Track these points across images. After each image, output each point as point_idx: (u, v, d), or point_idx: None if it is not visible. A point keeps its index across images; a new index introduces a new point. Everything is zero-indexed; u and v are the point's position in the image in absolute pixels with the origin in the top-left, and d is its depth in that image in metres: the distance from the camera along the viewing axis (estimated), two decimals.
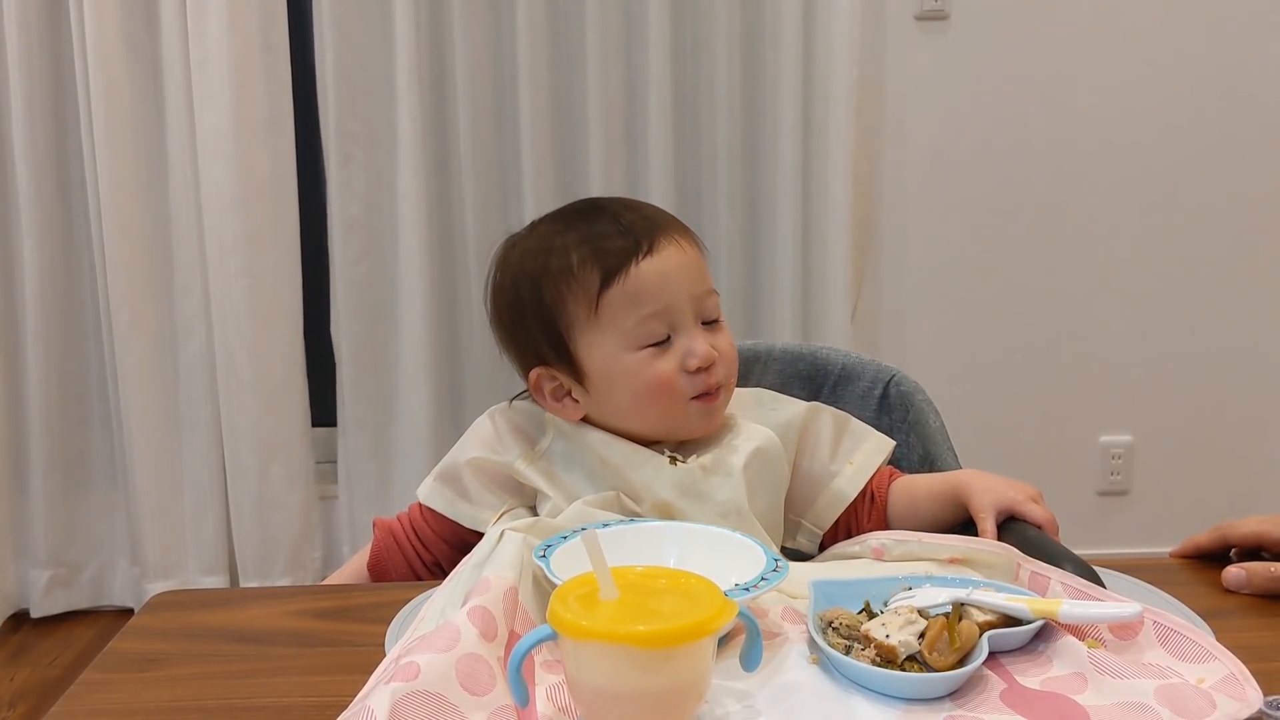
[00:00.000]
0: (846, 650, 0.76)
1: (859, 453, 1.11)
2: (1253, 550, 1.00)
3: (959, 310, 2.80)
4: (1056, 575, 0.86)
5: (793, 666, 0.77)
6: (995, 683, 0.74)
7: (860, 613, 0.81)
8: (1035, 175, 2.74)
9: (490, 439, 1.09)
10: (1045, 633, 0.79)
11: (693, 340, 1.03)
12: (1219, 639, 0.77)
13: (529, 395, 1.10)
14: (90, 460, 2.74)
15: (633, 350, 1.03)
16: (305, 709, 0.77)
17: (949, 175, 2.74)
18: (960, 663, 0.74)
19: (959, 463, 1.25)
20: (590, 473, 1.05)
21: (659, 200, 2.46)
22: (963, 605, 0.79)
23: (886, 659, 0.74)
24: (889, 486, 1.11)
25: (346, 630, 0.91)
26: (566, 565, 0.82)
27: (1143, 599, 0.82)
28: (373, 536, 1.14)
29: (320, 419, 2.77)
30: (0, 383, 2.63)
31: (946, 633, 0.75)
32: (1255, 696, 0.70)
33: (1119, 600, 0.81)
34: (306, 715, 0.77)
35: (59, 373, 2.65)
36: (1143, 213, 2.76)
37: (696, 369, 1.03)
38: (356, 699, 0.69)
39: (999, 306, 2.80)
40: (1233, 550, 1.02)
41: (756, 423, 1.09)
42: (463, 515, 1.08)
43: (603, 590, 0.68)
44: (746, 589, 0.80)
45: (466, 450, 1.09)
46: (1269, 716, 0.69)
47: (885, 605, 0.82)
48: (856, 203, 2.62)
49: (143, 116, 2.55)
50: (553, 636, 0.67)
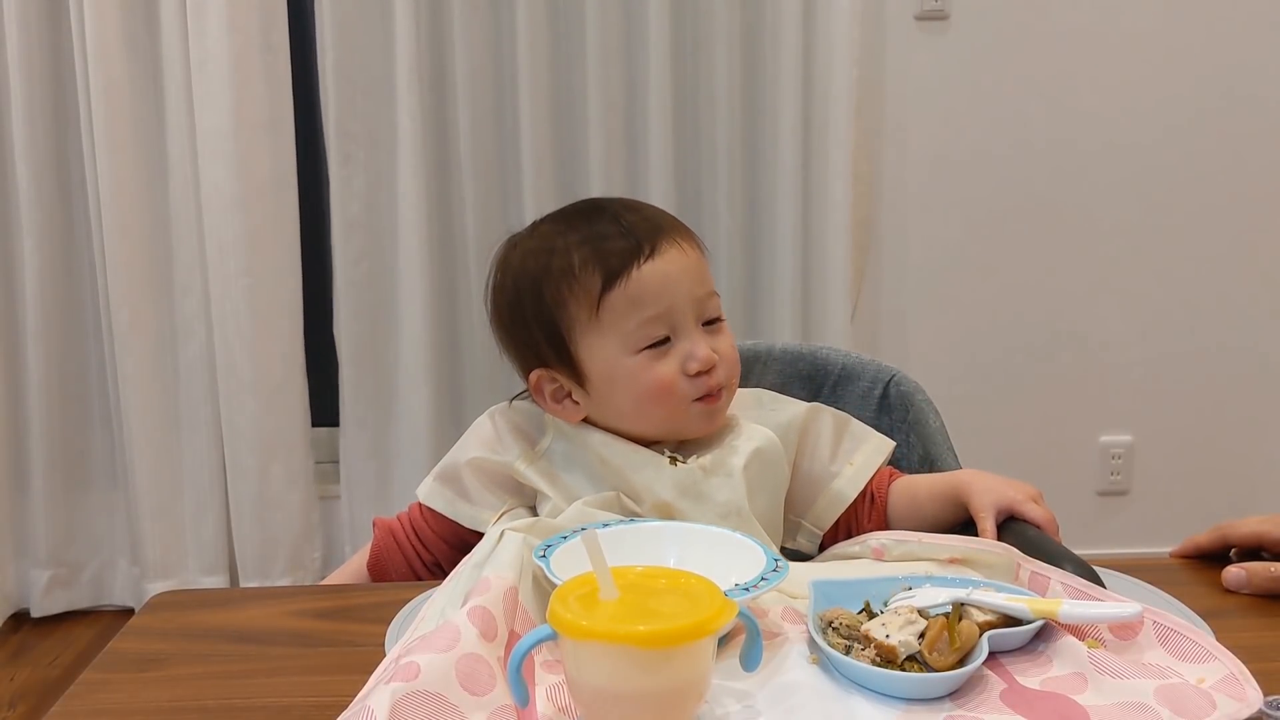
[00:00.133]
0: (846, 650, 0.76)
1: (859, 453, 1.11)
2: (1253, 550, 1.00)
3: (959, 310, 2.80)
4: (1056, 575, 0.86)
5: (793, 666, 0.77)
6: (995, 683, 0.74)
7: (860, 613, 0.81)
8: (1035, 175, 2.74)
9: (490, 439, 1.09)
10: (1045, 633, 0.79)
11: (693, 343, 1.03)
12: (1219, 639, 0.77)
13: (529, 395, 1.10)
14: (90, 460, 2.74)
15: (633, 353, 1.03)
16: (305, 709, 0.77)
17: (949, 175, 2.74)
18: (960, 663, 0.74)
19: (959, 463, 1.25)
20: (590, 473, 1.05)
21: (659, 200, 2.46)
22: (963, 605, 0.79)
23: (886, 659, 0.74)
24: (889, 487, 1.11)
25: (346, 630, 0.91)
26: (566, 565, 0.82)
27: (1143, 599, 0.82)
28: (373, 536, 1.14)
29: (322, 419, 2.78)
30: (0, 383, 2.63)
31: (946, 633, 0.75)
32: (1255, 696, 0.70)
33: (1119, 600, 0.81)
34: (306, 715, 0.77)
35: (59, 373, 2.65)
36: (1143, 213, 2.76)
37: (697, 372, 1.03)
38: (356, 699, 0.69)
39: (999, 306, 2.80)
40: (1233, 550, 1.02)
41: (757, 423, 1.09)
42: (463, 515, 1.08)
43: (603, 590, 0.68)
44: (746, 589, 0.80)
45: (466, 450, 1.09)
46: (1269, 716, 0.69)
47: (885, 605, 0.82)
48: (856, 203, 2.62)
49: (143, 116, 2.55)
50: (553, 636, 0.67)
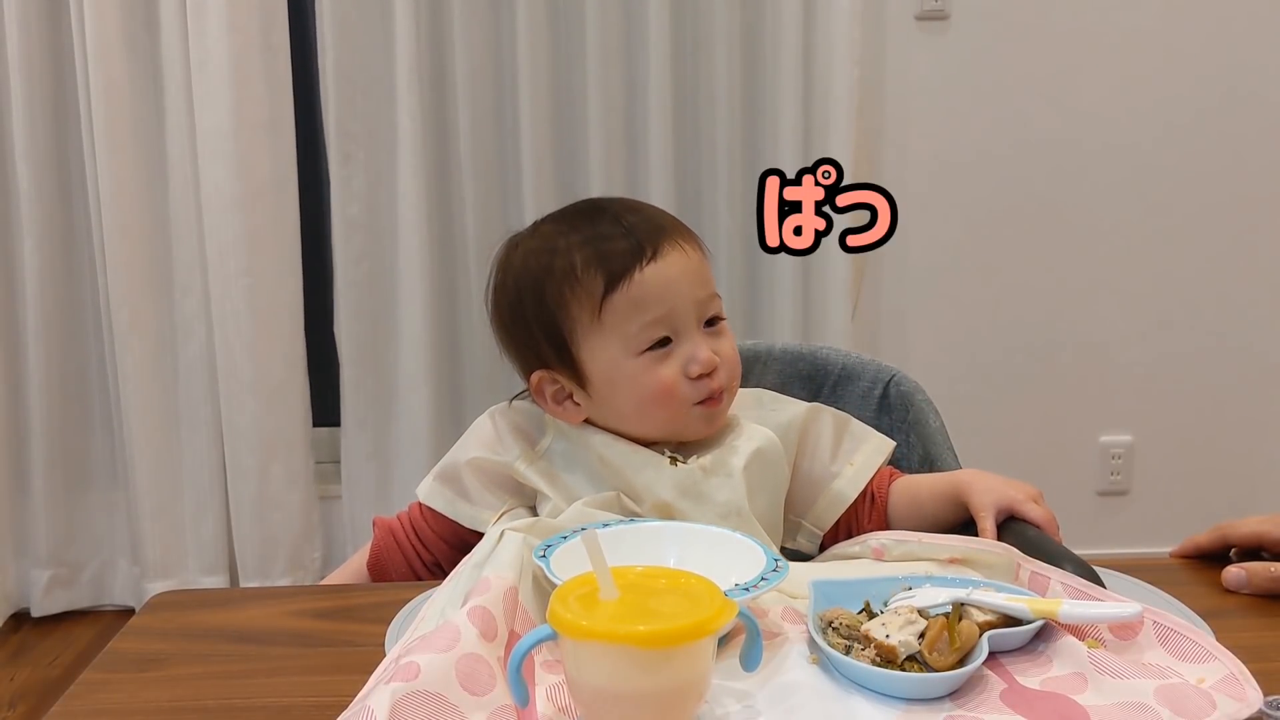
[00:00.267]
0: (846, 650, 0.76)
1: (859, 453, 1.11)
2: (1253, 550, 1.00)
3: (959, 310, 2.80)
4: (1056, 575, 0.86)
5: (793, 666, 0.77)
6: (995, 683, 0.74)
7: (860, 613, 0.81)
8: (1035, 175, 2.73)
9: (490, 439, 1.09)
10: (1045, 633, 0.79)
11: (695, 346, 1.03)
12: (1219, 639, 0.77)
13: (529, 395, 1.10)
14: (90, 460, 2.74)
15: (635, 355, 1.03)
16: (305, 709, 0.77)
17: (949, 175, 2.74)
18: (960, 663, 0.74)
19: (959, 463, 1.25)
20: (591, 473, 1.05)
21: (659, 200, 2.46)
22: (963, 605, 0.79)
23: (886, 659, 0.74)
24: (889, 487, 1.11)
25: (346, 630, 0.91)
26: (566, 565, 0.82)
27: (1143, 599, 0.82)
28: (373, 535, 1.14)
29: (323, 419, 2.78)
30: (0, 383, 2.63)
31: (946, 633, 0.75)
32: (1255, 696, 0.70)
33: (1119, 600, 0.81)
34: (306, 715, 0.77)
35: (59, 373, 2.65)
36: (1143, 213, 2.76)
37: (699, 375, 1.03)
38: (356, 699, 0.69)
39: (999, 307, 2.80)
40: (1233, 550, 1.02)
41: (757, 423, 1.09)
42: (462, 515, 1.08)
43: (603, 590, 0.68)
44: (746, 589, 0.80)
45: (466, 450, 1.09)
46: (1269, 716, 0.69)
47: (885, 605, 0.82)
48: None
49: (143, 116, 2.55)
50: (553, 636, 0.67)
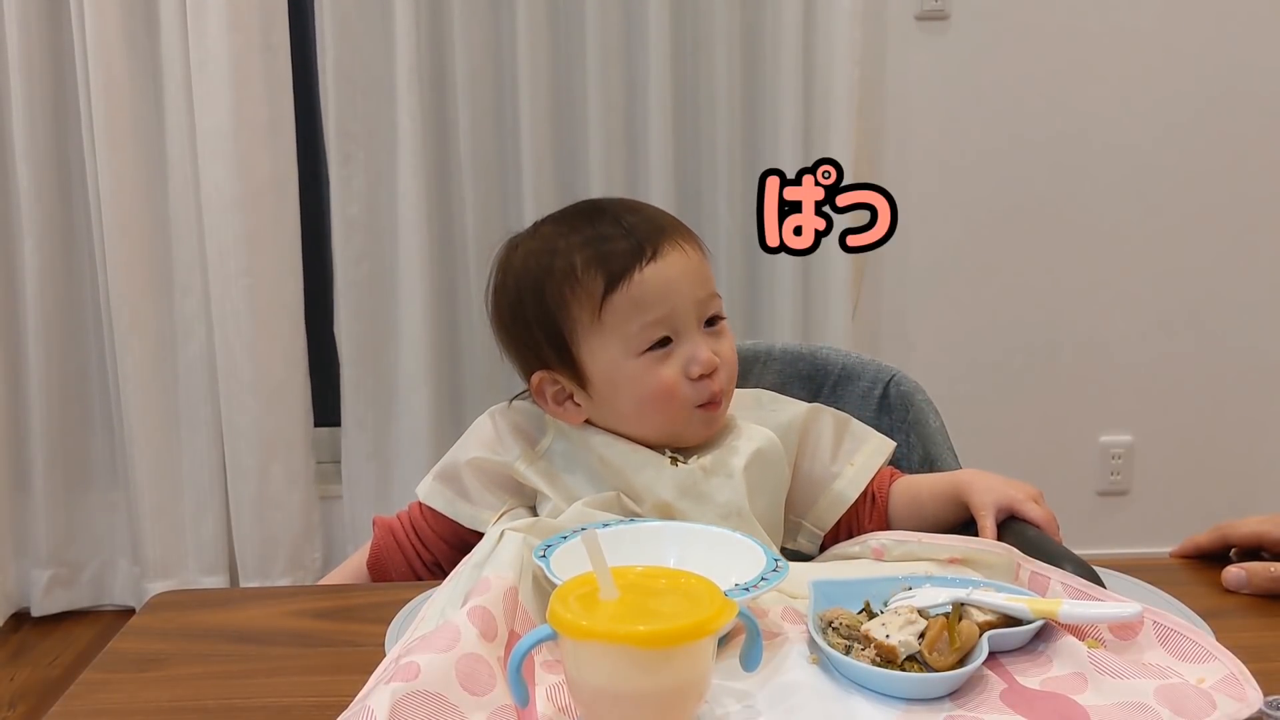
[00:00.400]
0: (846, 650, 0.76)
1: (860, 454, 1.11)
2: (1253, 550, 1.00)
3: (959, 310, 2.80)
4: (1056, 575, 0.86)
5: (793, 666, 0.77)
6: (995, 683, 0.74)
7: (860, 613, 0.81)
8: (1035, 175, 2.73)
9: (490, 439, 1.09)
10: (1045, 633, 0.79)
11: (695, 346, 1.03)
12: (1219, 639, 0.77)
13: (529, 395, 1.10)
14: (90, 460, 2.74)
15: (635, 356, 1.03)
16: (305, 709, 0.77)
17: (949, 175, 2.74)
18: (960, 663, 0.74)
19: (959, 463, 1.25)
20: (591, 473, 1.05)
21: (659, 200, 2.46)
22: (963, 605, 0.79)
23: (886, 659, 0.74)
24: (890, 487, 1.11)
25: (346, 630, 0.91)
26: (566, 565, 0.82)
27: (1143, 599, 0.82)
28: (372, 535, 1.14)
29: (324, 419, 2.78)
30: (0, 383, 2.63)
31: (946, 633, 0.75)
32: (1255, 696, 0.70)
33: (1119, 600, 0.81)
34: (306, 715, 0.77)
35: (59, 373, 2.65)
36: (1143, 213, 2.76)
37: (699, 376, 1.03)
38: (356, 699, 0.69)
39: (999, 306, 2.80)
40: (1233, 550, 1.02)
41: (757, 424, 1.09)
42: (462, 515, 1.08)
43: (603, 590, 0.68)
44: (746, 589, 0.80)
45: (466, 450, 1.09)
46: (1269, 716, 0.69)
47: (885, 605, 0.82)
48: None
49: (143, 116, 2.55)
50: (553, 636, 0.67)
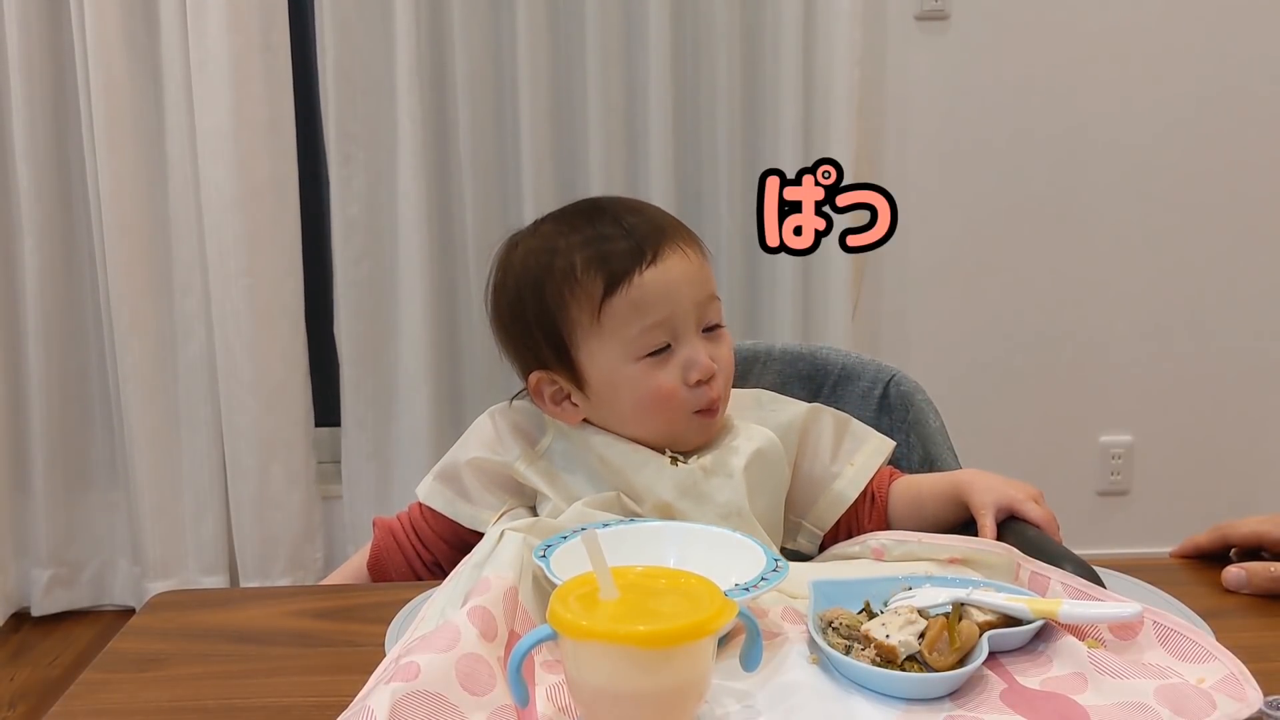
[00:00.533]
0: (846, 650, 0.76)
1: (860, 454, 1.11)
2: (1253, 550, 1.00)
3: (959, 310, 2.80)
4: (1056, 575, 0.86)
5: (793, 666, 0.77)
6: (995, 683, 0.74)
7: (860, 613, 0.81)
8: (1035, 175, 2.73)
9: (490, 439, 1.09)
10: (1045, 633, 0.79)
11: (694, 351, 1.03)
12: (1219, 639, 0.77)
13: (528, 394, 1.10)
14: (90, 460, 2.74)
15: (634, 359, 1.03)
16: (305, 709, 0.77)
17: (949, 175, 2.74)
18: (960, 663, 0.74)
19: (959, 463, 1.25)
20: (591, 473, 1.05)
21: (659, 200, 2.45)
22: (963, 605, 0.79)
23: (886, 659, 0.74)
24: (890, 487, 1.11)
25: (346, 630, 0.91)
26: (566, 565, 0.82)
27: (1143, 599, 0.82)
28: (373, 536, 1.14)
29: (324, 419, 2.78)
30: (0, 383, 2.63)
31: (946, 633, 0.75)
32: (1255, 696, 0.70)
33: (1119, 600, 0.81)
34: (306, 715, 0.77)
35: (59, 373, 2.65)
36: (1143, 213, 2.76)
37: (697, 382, 1.03)
38: (356, 699, 0.69)
39: (999, 306, 2.80)
40: (1233, 550, 1.02)
41: (757, 424, 1.09)
42: (462, 515, 1.08)
43: (603, 590, 0.68)
44: (746, 589, 0.80)
45: (467, 450, 1.09)
46: (1269, 716, 0.69)
47: (885, 605, 0.82)
48: None
49: (143, 116, 2.55)
50: (553, 636, 0.67)
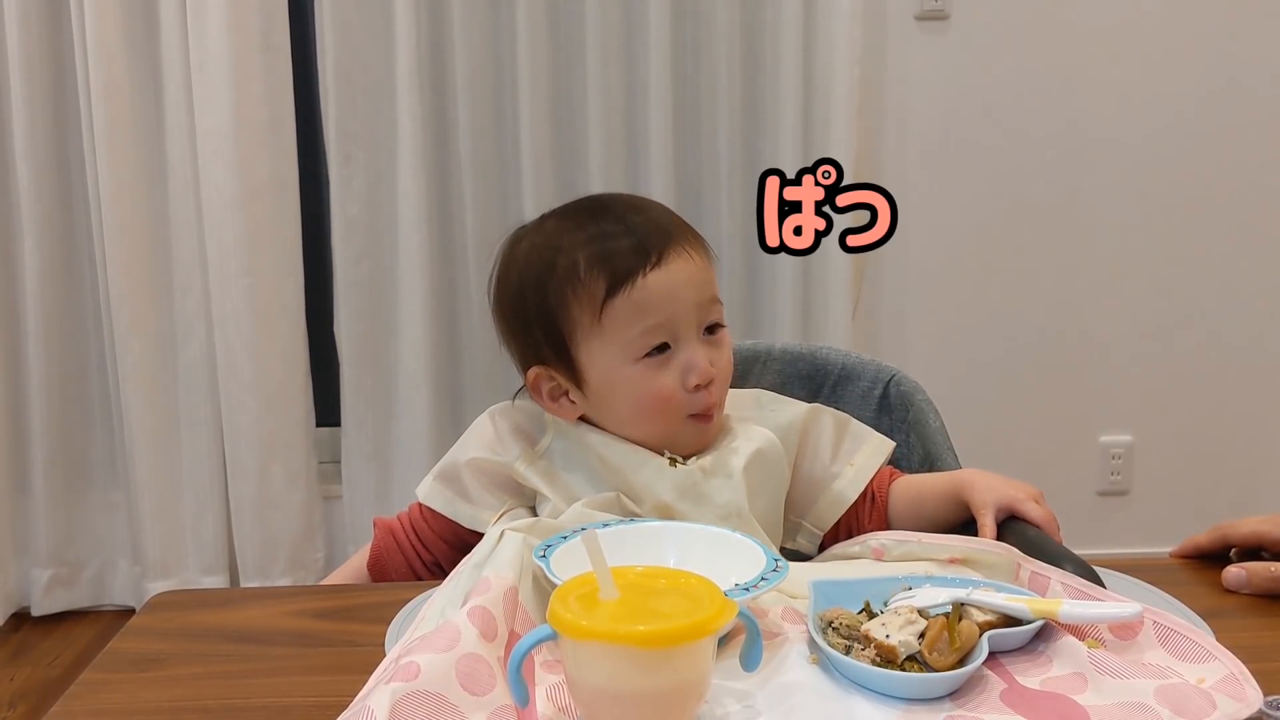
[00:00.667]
0: (846, 650, 0.76)
1: (860, 454, 1.11)
2: (1253, 550, 1.00)
3: (959, 310, 2.80)
4: (1056, 575, 0.86)
5: (793, 666, 0.77)
6: (995, 683, 0.74)
7: (860, 613, 0.81)
8: (1035, 175, 2.74)
9: (490, 439, 1.09)
10: (1045, 633, 0.79)
11: (694, 355, 1.03)
12: (1219, 639, 0.77)
13: (527, 389, 1.10)
14: (90, 460, 2.74)
15: (634, 361, 1.02)
16: (305, 709, 0.77)
17: (949, 175, 2.74)
18: (960, 663, 0.74)
19: (959, 463, 1.25)
20: (590, 473, 1.05)
21: (659, 200, 2.45)
22: (963, 605, 0.79)
23: (886, 659, 0.74)
24: (889, 487, 1.11)
25: (346, 630, 0.91)
26: (566, 565, 0.82)
27: (1143, 599, 0.82)
28: (373, 536, 1.14)
29: (324, 419, 2.78)
30: (0, 383, 2.63)
31: (946, 633, 0.75)
32: (1255, 696, 0.70)
33: (1119, 600, 0.81)
34: (306, 715, 0.77)
35: (59, 373, 2.65)
36: (1143, 213, 2.76)
37: (695, 387, 1.03)
38: (356, 699, 0.69)
39: (999, 306, 2.80)
40: (1233, 550, 1.02)
41: (756, 424, 1.08)
42: (462, 515, 1.08)
43: (603, 590, 0.68)
44: (746, 589, 0.80)
45: (466, 450, 1.09)
46: (1269, 716, 0.69)
47: (885, 605, 0.82)
48: None
49: (143, 116, 2.55)
50: (553, 636, 0.67)
